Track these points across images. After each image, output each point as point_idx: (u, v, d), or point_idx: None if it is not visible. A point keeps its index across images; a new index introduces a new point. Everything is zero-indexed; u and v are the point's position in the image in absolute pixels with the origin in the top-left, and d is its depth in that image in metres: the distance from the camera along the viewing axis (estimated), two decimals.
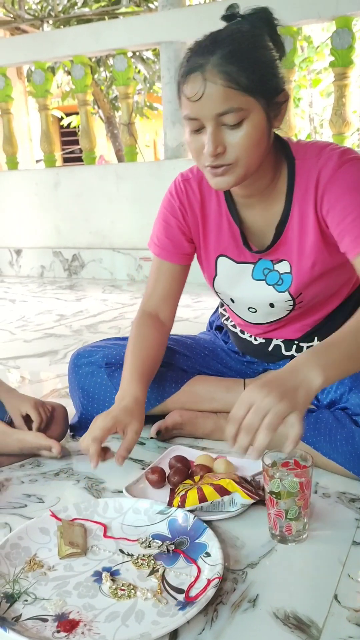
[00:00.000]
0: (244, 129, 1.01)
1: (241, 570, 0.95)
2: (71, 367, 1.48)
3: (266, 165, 1.12)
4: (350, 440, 1.14)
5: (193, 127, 1.04)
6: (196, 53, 1.01)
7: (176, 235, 1.30)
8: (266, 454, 1.02)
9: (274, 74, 1.03)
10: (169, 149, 3.73)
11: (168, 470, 1.23)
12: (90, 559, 0.98)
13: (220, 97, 0.98)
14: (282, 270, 1.23)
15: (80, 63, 3.91)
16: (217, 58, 0.98)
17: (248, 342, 1.41)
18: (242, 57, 0.99)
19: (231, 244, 1.25)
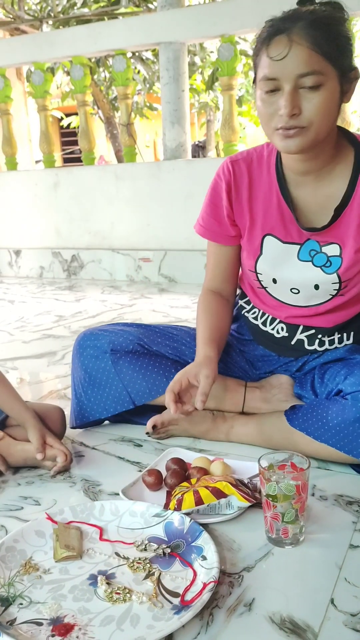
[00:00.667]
0: (320, 94, 1.05)
1: (237, 574, 0.94)
2: (76, 348, 1.48)
3: (329, 142, 1.16)
4: (339, 413, 1.17)
5: (269, 87, 1.08)
6: (282, 19, 1.07)
7: (222, 216, 1.33)
8: (263, 457, 1.02)
9: (350, 51, 1.09)
10: (168, 149, 3.72)
11: (165, 472, 1.22)
12: (86, 562, 0.98)
13: (304, 58, 1.03)
14: (330, 253, 1.25)
15: (79, 64, 3.90)
16: (304, 22, 1.04)
17: (269, 335, 1.42)
18: (327, 25, 1.05)
19: (279, 223, 1.27)
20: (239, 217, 1.32)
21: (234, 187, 1.29)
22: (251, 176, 1.28)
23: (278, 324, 1.39)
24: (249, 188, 1.29)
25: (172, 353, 1.46)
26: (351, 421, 1.16)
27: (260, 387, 1.42)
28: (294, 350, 1.39)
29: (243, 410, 1.40)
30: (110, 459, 1.36)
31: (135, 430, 1.48)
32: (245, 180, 1.28)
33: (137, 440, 1.44)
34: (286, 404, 1.35)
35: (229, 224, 1.33)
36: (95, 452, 1.40)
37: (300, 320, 1.36)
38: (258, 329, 1.43)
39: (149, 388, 1.40)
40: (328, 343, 1.37)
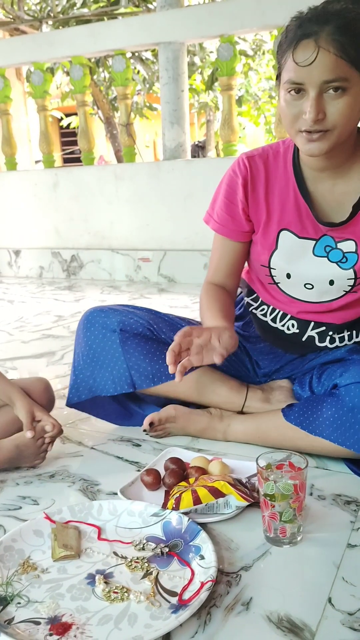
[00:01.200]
0: (345, 99, 1.06)
1: (235, 573, 0.94)
2: (83, 323, 1.45)
3: (350, 142, 1.17)
4: (333, 404, 1.18)
5: (293, 90, 1.08)
6: (309, 20, 1.06)
7: (237, 212, 1.33)
8: (261, 456, 1.02)
9: None
10: (168, 149, 3.72)
11: (163, 472, 1.22)
12: (84, 562, 0.98)
13: (330, 65, 1.03)
14: (346, 249, 1.25)
15: (78, 64, 3.90)
16: (332, 27, 1.03)
17: (279, 332, 1.41)
18: (354, 31, 1.04)
19: (295, 218, 1.27)
20: (254, 212, 1.32)
21: (250, 182, 1.30)
22: (268, 171, 1.29)
23: (289, 321, 1.39)
24: (266, 183, 1.29)
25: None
26: (344, 411, 1.17)
27: (262, 389, 1.43)
28: (304, 347, 1.40)
29: (242, 410, 1.41)
30: (108, 459, 1.36)
31: (133, 430, 1.48)
32: (262, 176, 1.29)
33: (135, 440, 1.44)
34: (285, 404, 1.35)
35: (243, 219, 1.33)
36: (93, 451, 1.40)
37: (311, 316, 1.36)
38: (267, 325, 1.43)
39: (152, 374, 1.39)
40: (338, 340, 1.38)
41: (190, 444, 1.41)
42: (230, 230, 1.35)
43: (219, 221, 1.36)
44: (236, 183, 1.31)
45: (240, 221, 1.34)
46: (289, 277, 1.33)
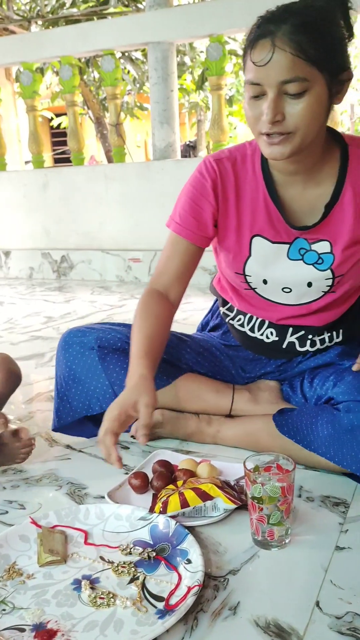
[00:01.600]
0: (305, 100, 1.03)
1: (222, 577, 0.94)
2: (61, 345, 1.43)
3: (317, 144, 1.14)
4: (330, 423, 1.15)
5: (254, 92, 1.05)
6: (268, 20, 1.03)
7: (203, 216, 1.27)
8: (248, 459, 1.01)
9: (341, 51, 1.06)
10: (157, 149, 3.72)
11: (151, 474, 1.21)
12: (70, 567, 0.97)
13: (287, 64, 1.00)
14: (320, 250, 1.23)
15: (68, 64, 3.89)
16: (289, 26, 1.00)
17: (259, 341, 1.39)
18: (313, 29, 1.01)
19: (267, 224, 1.24)
20: (224, 218, 1.27)
21: (221, 188, 1.25)
22: (237, 176, 1.25)
23: (267, 329, 1.37)
24: (236, 188, 1.25)
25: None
26: (342, 432, 1.14)
27: (249, 389, 1.40)
28: (285, 353, 1.38)
29: (230, 413, 1.39)
30: (96, 462, 1.35)
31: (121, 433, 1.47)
32: (232, 180, 1.24)
33: (124, 443, 1.43)
34: (275, 406, 1.33)
35: (210, 224, 1.28)
36: (81, 454, 1.39)
37: (290, 321, 1.34)
38: (246, 335, 1.41)
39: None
40: (319, 342, 1.36)
41: (179, 446, 1.40)
42: (192, 232, 1.28)
43: (181, 223, 1.28)
44: (204, 186, 1.25)
45: (205, 225, 1.28)
46: (266, 282, 1.30)
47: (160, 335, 1.28)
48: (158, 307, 1.30)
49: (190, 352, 1.47)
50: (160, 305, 1.30)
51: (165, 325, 1.30)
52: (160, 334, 1.27)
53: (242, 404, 1.38)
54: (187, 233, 1.28)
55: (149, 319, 1.27)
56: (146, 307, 1.30)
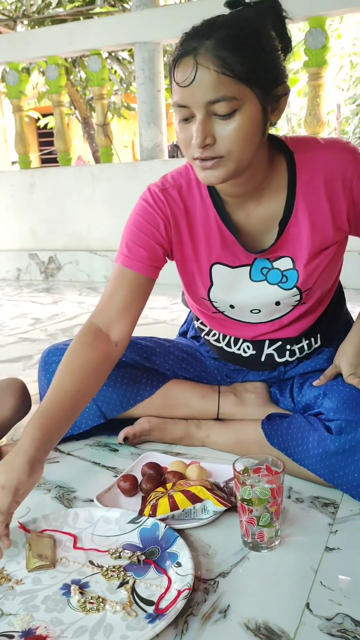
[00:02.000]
0: (236, 120, 0.95)
1: (212, 580, 0.93)
2: (42, 365, 1.42)
3: (260, 162, 1.07)
4: (321, 443, 1.12)
5: (182, 115, 0.98)
6: (191, 36, 0.95)
7: (153, 247, 1.18)
8: (238, 460, 1.01)
9: (273, 64, 0.97)
10: (145, 150, 3.71)
11: (141, 477, 1.21)
12: (59, 572, 0.96)
13: (212, 83, 0.92)
14: (283, 267, 1.18)
15: (54, 64, 3.87)
16: (211, 42, 0.92)
17: (237, 355, 1.36)
18: (239, 43, 0.93)
19: (223, 250, 1.18)
20: (179, 250, 1.20)
21: (172, 220, 1.17)
22: (185, 204, 1.17)
23: (243, 343, 1.34)
24: (187, 218, 1.17)
25: (143, 363, 1.43)
26: (332, 453, 1.10)
27: (235, 391, 1.39)
28: (266, 365, 1.36)
29: (218, 417, 1.38)
30: (85, 465, 1.34)
31: (110, 436, 1.46)
32: (182, 210, 1.17)
33: (112, 445, 1.42)
34: (262, 409, 1.33)
35: (161, 254, 1.20)
36: (70, 457, 1.38)
37: (265, 336, 1.31)
38: (223, 350, 1.38)
39: (119, 400, 1.37)
40: (298, 351, 1.33)
41: (168, 448, 1.39)
42: (141, 263, 1.18)
43: (131, 256, 1.18)
44: (154, 218, 1.17)
45: (156, 255, 1.19)
46: (233, 307, 1.26)
47: (81, 393, 1.10)
48: (87, 353, 1.14)
49: (174, 358, 1.46)
50: (90, 350, 1.14)
51: (93, 376, 1.13)
52: (80, 392, 1.10)
53: (228, 408, 1.36)
54: (136, 265, 1.18)
55: (72, 369, 1.11)
56: (75, 352, 1.14)
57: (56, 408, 1.06)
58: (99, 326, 1.18)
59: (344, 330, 1.39)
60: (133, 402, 1.37)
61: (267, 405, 1.35)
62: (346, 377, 1.22)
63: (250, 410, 1.35)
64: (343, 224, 1.16)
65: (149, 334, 1.52)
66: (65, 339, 2.48)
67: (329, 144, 1.13)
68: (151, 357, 1.45)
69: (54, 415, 1.05)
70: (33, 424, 1.02)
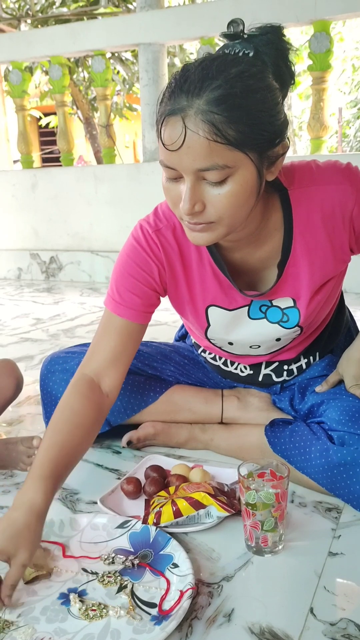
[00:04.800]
0: (228, 187, 0.88)
1: (217, 584, 0.93)
2: (44, 374, 1.41)
3: (255, 213, 1.00)
4: (324, 453, 1.12)
5: (170, 175, 0.91)
6: (181, 89, 0.85)
7: (146, 292, 1.13)
8: (242, 465, 1.01)
9: (271, 123, 0.88)
10: (148, 151, 3.71)
11: (144, 480, 1.21)
12: (53, 582, 0.94)
13: (202, 151, 0.84)
14: (283, 305, 1.14)
15: (57, 64, 3.87)
16: (203, 102, 0.83)
17: (234, 374, 1.37)
18: (233, 104, 0.83)
19: (219, 293, 1.13)
20: (174, 293, 1.16)
21: (167, 264, 1.11)
22: (180, 246, 1.11)
23: (239, 364, 1.34)
24: (181, 260, 1.11)
25: (145, 370, 1.43)
26: (335, 464, 1.10)
27: (238, 395, 1.38)
28: (262, 384, 1.36)
29: (222, 420, 1.38)
30: (88, 466, 1.34)
31: (114, 438, 1.46)
32: (176, 252, 1.11)
33: (115, 447, 1.42)
34: (265, 413, 1.33)
35: (154, 299, 1.15)
36: None
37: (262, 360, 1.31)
38: (220, 368, 1.38)
39: (124, 407, 1.36)
40: (296, 370, 1.33)
41: (170, 451, 1.39)
42: (133, 311, 1.13)
43: (121, 301, 1.13)
44: (147, 264, 1.11)
45: (149, 301, 1.14)
46: (232, 344, 1.23)
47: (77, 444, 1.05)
48: (83, 406, 1.08)
49: (175, 364, 1.46)
50: (86, 401, 1.09)
51: (87, 429, 1.08)
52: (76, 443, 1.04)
53: (231, 412, 1.36)
54: (127, 312, 1.13)
55: (66, 420, 1.06)
56: (68, 404, 1.08)
57: (57, 463, 0.99)
58: (91, 376, 1.13)
59: (345, 339, 1.40)
60: (137, 408, 1.37)
61: (270, 409, 1.35)
62: (348, 388, 1.22)
63: (253, 414, 1.35)
64: (345, 255, 1.11)
65: (150, 335, 1.51)
66: (67, 339, 2.48)
67: (325, 175, 1.05)
68: (153, 364, 1.44)
69: (55, 471, 0.98)
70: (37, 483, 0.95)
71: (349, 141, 12.28)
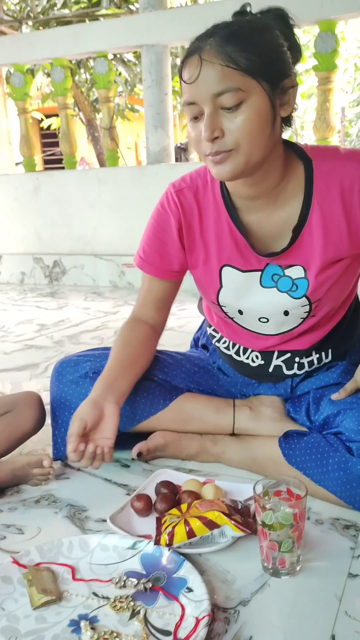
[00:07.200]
0: (243, 112, 0.96)
1: (233, 609, 0.89)
2: (54, 376, 1.39)
3: (275, 162, 1.07)
4: (342, 465, 1.09)
5: (192, 113, 1.00)
6: (197, 38, 0.99)
7: (167, 251, 1.24)
8: (258, 483, 0.97)
9: (278, 58, 0.99)
10: (151, 153, 3.67)
11: (154, 496, 1.17)
12: (63, 607, 0.90)
13: (216, 76, 0.95)
14: (294, 275, 1.17)
15: (59, 66, 3.84)
16: (216, 39, 0.95)
17: (245, 365, 1.34)
18: (242, 38, 0.95)
19: (235, 253, 1.18)
20: (191, 252, 1.23)
21: (184, 222, 1.20)
22: (200, 206, 1.19)
23: (251, 353, 1.32)
24: (200, 219, 1.19)
25: (156, 374, 1.40)
26: (355, 477, 1.07)
27: (250, 405, 1.35)
28: (273, 376, 1.33)
29: (233, 431, 1.34)
30: (96, 482, 1.30)
31: (122, 450, 1.42)
32: (195, 212, 1.19)
33: (124, 461, 1.38)
34: (279, 424, 1.29)
35: (174, 259, 1.25)
36: (80, 474, 1.34)
37: (276, 348, 1.29)
38: (232, 358, 1.37)
39: (133, 412, 1.33)
40: (307, 365, 1.31)
41: (180, 465, 1.35)
42: (157, 269, 1.27)
43: (145, 258, 1.28)
44: (168, 223, 1.22)
45: (169, 260, 1.25)
46: (242, 313, 1.25)
47: (139, 356, 1.31)
48: (139, 334, 1.32)
49: (186, 372, 1.43)
50: (141, 333, 1.33)
51: (147, 353, 1.34)
52: (138, 355, 1.31)
53: (243, 422, 1.32)
54: (152, 269, 1.28)
55: (125, 345, 1.30)
56: (127, 335, 1.32)
57: (114, 365, 1.25)
58: (141, 318, 1.34)
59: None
60: (147, 414, 1.34)
61: (283, 420, 1.31)
62: None
63: (266, 424, 1.31)
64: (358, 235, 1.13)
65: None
66: (72, 346, 2.45)
67: (349, 154, 1.11)
68: (164, 369, 1.41)
69: (114, 369, 1.24)
70: (97, 380, 1.23)
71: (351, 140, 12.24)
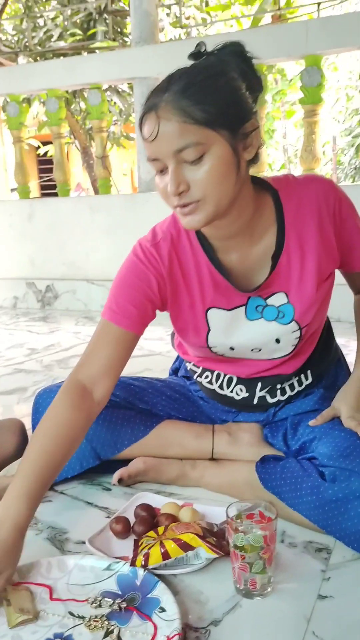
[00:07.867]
0: (206, 163, 0.98)
1: (204, 629, 0.92)
2: (34, 406, 1.42)
3: (244, 200, 1.09)
4: (315, 490, 1.11)
5: (157, 168, 1.02)
6: (152, 93, 1.01)
7: (143, 303, 1.18)
8: (231, 506, 1.00)
9: (236, 102, 0.99)
10: (143, 182, 3.75)
11: (133, 518, 1.20)
12: (39, 626, 0.92)
13: (175, 133, 0.96)
14: (277, 302, 1.20)
15: (54, 96, 3.93)
16: (169, 95, 0.96)
17: (229, 398, 1.37)
18: (197, 89, 0.96)
19: (217, 294, 1.19)
20: (175, 301, 1.21)
21: (166, 274, 1.17)
22: (178, 254, 1.18)
23: (236, 386, 1.34)
24: (180, 268, 1.19)
25: (136, 404, 1.43)
26: (326, 501, 1.09)
27: (229, 430, 1.38)
28: (258, 407, 1.36)
29: (212, 456, 1.37)
30: (78, 504, 1.33)
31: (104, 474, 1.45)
32: (175, 261, 1.18)
33: (105, 484, 1.41)
34: (256, 449, 1.32)
35: (151, 311, 1.20)
36: (62, 496, 1.37)
37: (260, 374, 1.32)
38: (216, 393, 1.38)
39: (114, 441, 1.36)
40: (289, 389, 1.34)
41: (161, 488, 1.38)
42: (131, 321, 1.17)
43: (119, 312, 1.17)
44: (146, 275, 1.17)
45: (146, 312, 1.19)
46: (233, 349, 1.26)
47: (61, 455, 1.09)
48: (72, 412, 1.12)
49: (166, 399, 1.46)
50: (75, 410, 1.12)
51: (73, 439, 1.11)
52: (60, 454, 1.09)
53: (222, 447, 1.36)
54: (124, 321, 1.17)
55: (54, 430, 1.09)
56: (58, 411, 1.12)
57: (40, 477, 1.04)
58: (84, 383, 1.16)
59: (335, 366, 1.40)
60: (128, 442, 1.37)
61: (261, 445, 1.34)
62: (345, 420, 1.22)
63: (244, 449, 1.34)
64: (334, 251, 1.19)
65: (144, 365, 1.52)
66: (61, 370, 2.48)
67: (306, 179, 1.19)
68: (144, 398, 1.44)
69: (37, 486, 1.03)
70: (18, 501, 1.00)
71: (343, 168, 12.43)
